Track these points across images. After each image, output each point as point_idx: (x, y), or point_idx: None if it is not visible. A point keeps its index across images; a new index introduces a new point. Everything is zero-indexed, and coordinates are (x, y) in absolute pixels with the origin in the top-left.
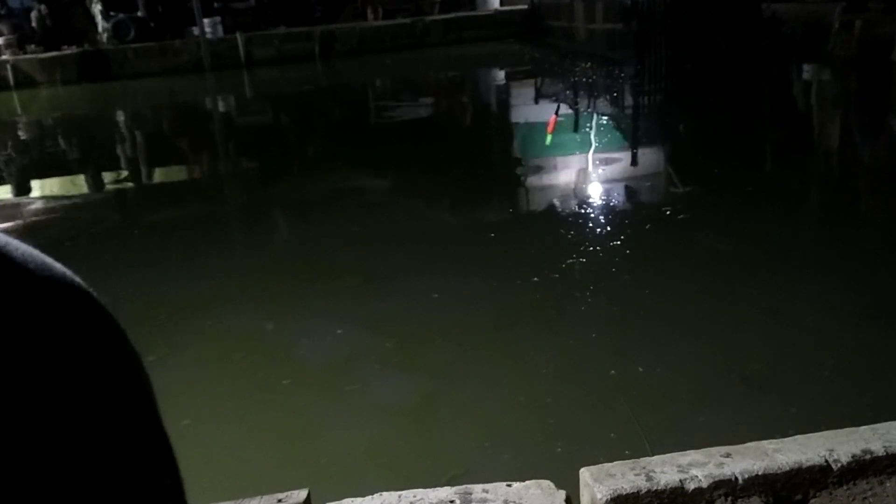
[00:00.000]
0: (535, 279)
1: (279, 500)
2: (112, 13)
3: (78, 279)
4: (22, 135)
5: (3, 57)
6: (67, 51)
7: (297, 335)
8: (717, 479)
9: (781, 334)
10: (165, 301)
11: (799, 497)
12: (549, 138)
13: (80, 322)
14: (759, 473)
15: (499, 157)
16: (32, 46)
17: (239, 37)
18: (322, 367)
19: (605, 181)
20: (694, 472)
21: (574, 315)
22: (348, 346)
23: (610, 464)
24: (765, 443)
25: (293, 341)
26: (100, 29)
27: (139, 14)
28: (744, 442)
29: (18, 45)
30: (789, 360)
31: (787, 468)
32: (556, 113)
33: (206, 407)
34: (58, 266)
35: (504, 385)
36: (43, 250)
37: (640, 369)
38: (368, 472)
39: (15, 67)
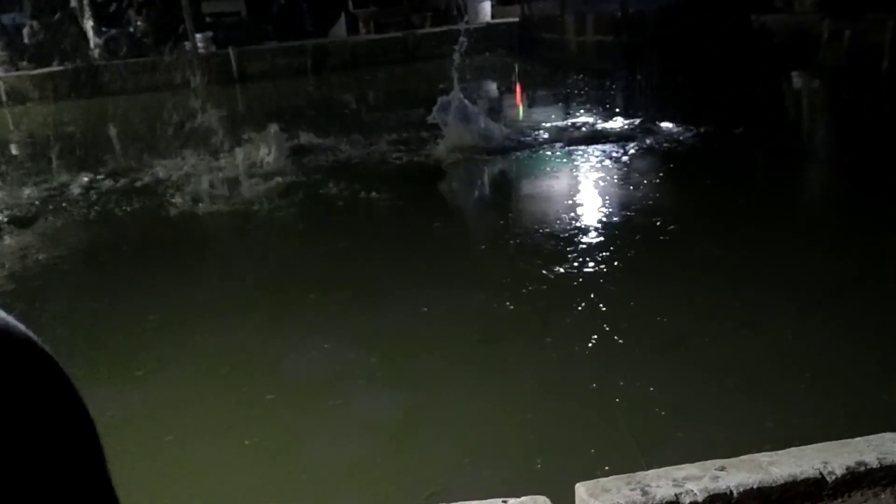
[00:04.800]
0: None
1: None
2: (104, 29)
3: (20, 327)
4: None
5: None
6: (59, 67)
7: (284, 350)
8: (712, 492)
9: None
10: (153, 315)
11: None
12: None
13: (19, 369)
14: (755, 487)
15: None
16: (24, 63)
17: (231, 52)
18: (307, 383)
19: (598, 194)
20: (689, 486)
21: (559, 327)
22: (335, 360)
23: (605, 479)
24: (759, 455)
25: (280, 356)
26: (92, 45)
27: (131, 30)
28: (738, 454)
29: (10, 61)
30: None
31: (782, 481)
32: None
33: (189, 422)
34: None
35: (487, 399)
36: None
37: (621, 382)
38: (348, 488)
39: (7, 84)
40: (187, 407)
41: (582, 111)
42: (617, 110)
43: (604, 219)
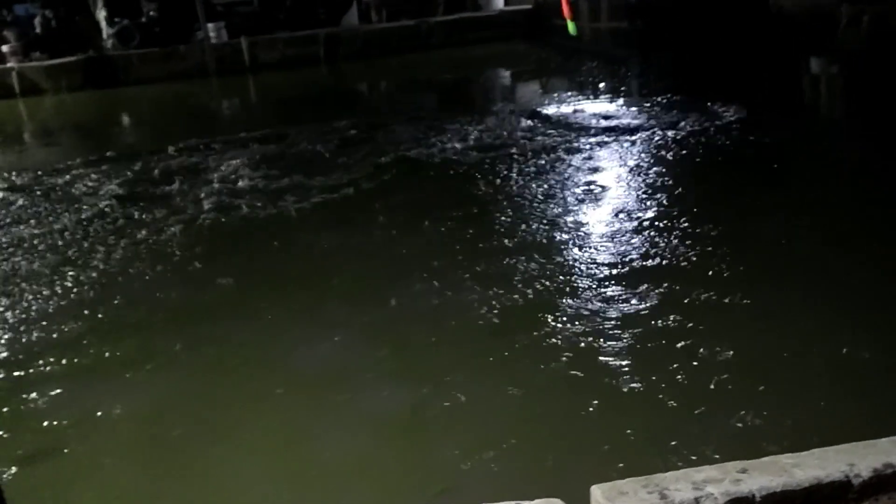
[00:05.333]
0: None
1: None
2: (117, 19)
3: None
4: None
5: (9, 64)
6: (72, 57)
7: (295, 342)
8: (733, 496)
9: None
10: (162, 309)
11: None
12: (570, 25)
13: None
14: (777, 490)
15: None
16: (37, 53)
17: (243, 41)
18: (316, 376)
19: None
20: (709, 489)
21: (573, 321)
22: (344, 353)
23: (622, 481)
24: (782, 457)
25: (289, 350)
26: (105, 35)
27: (143, 20)
28: (756, 454)
29: (23, 52)
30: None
31: (807, 484)
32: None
33: (197, 417)
34: None
35: (498, 395)
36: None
37: (637, 377)
38: (357, 484)
39: (20, 75)
40: (198, 400)
41: (608, 98)
42: (640, 95)
43: (621, 207)
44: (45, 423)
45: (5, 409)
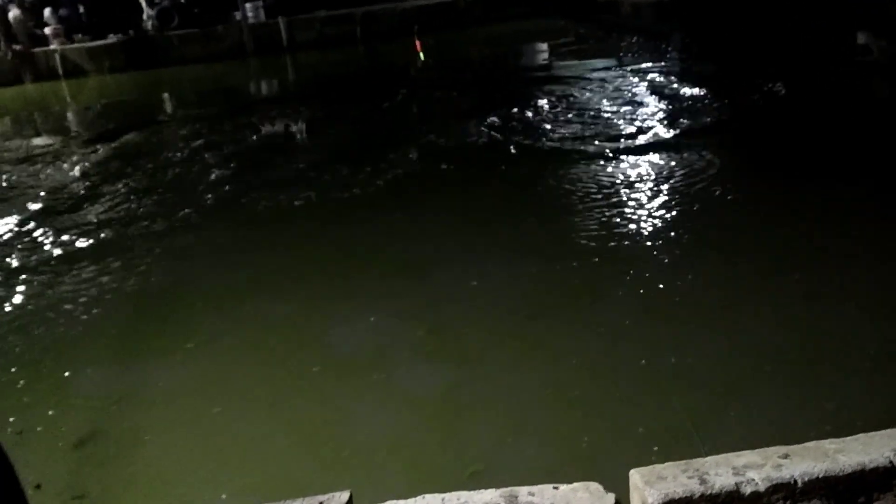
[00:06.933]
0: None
1: (321, 503)
2: (156, 0)
3: None
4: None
5: (52, 46)
6: (113, 39)
7: (332, 322)
8: (775, 482)
9: None
10: (203, 288)
11: (862, 500)
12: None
13: None
14: (820, 476)
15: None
16: (79, 35)
17: (280, 21)
18: (352, 355)
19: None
20: (750, 474)
21: (610, 302)
22: (380, 334)
23: (661, 465)
24: (825, 442)
25: (327, 329)
26: (144, 16)
27: (182, 1)
28: (797, 439)
29: (66, 34)
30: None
31: (850, 470)
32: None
33: (237, 395)
34: None
35: (532, 376)
36: None
37: (673, 359)
38: (390, 464)
39: (63, 57)
40: (237, 378)
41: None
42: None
43: (665, 189)
44: (89, 402)
45: (51, 388)
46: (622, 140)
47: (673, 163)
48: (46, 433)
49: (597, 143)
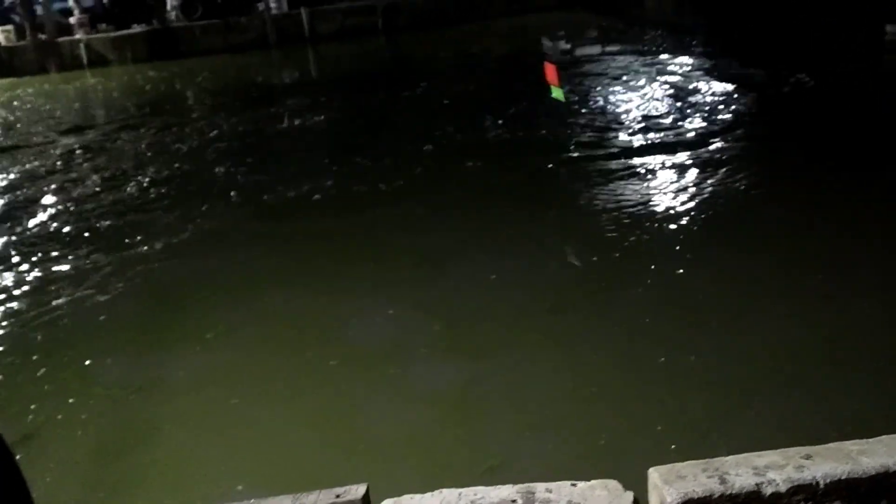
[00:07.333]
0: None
1: (337, 496)
2: None
3: None
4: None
5: (77, 36)
6: (137, 29)
7: (349, 315)
8: (796, 483)
9: None
10: (222, 281)
11: (884, 503)
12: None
13: None
14: (843, 478)
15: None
16: (104, 25)
17: (303, 12)
18: (369, 349)
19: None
20: (771, 475)
21: (630, 297)
22: (398, 327)
23: (681, 464)
24: (848, 444)
25: (345, 321)
26: (168, 7)
27: None
28: (817, 439)
29: (90, 24)
30: None
31: (873, 472)
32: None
33: (254, 386)
34: None
35: (550, 372)
36: None
37: (692, 357)
38: (406, 458)
39: (88, 46)
40: (254, 371)
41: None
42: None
43: (688, 182)
44: (110, 391)
45: (71, 376)
46: (644, 134)
47: (696, 158)
48: (66, 421)
49: (619, 137)
